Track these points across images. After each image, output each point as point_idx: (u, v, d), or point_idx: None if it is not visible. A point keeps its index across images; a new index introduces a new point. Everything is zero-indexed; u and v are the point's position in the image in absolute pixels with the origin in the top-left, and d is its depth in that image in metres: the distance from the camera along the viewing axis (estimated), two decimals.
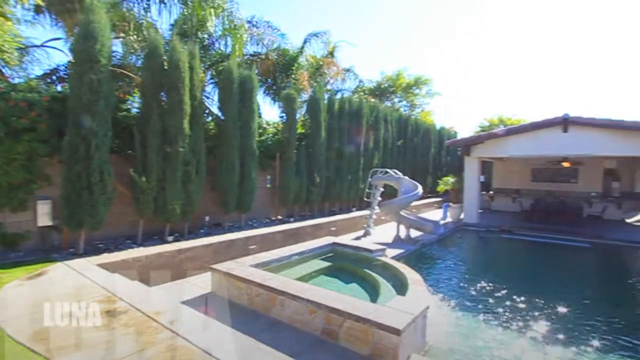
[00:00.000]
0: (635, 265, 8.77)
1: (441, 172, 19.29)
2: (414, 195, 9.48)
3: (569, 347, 4.34)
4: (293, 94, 10.52)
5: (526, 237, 11.36)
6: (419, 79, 24.97)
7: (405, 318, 3.49)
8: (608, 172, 15.06)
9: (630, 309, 5.93)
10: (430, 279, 6.99)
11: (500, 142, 12.41)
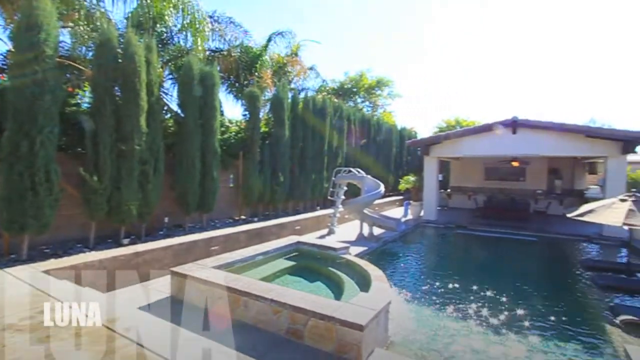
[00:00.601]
0: (575, 255, 9.60)
1: (402, 171, 19.93)
2: (376, 194, 9.72)
3: (520, 332, 4.66)
4: (256, 92, 10.37)
5: (480, 232, 12.04)
6: (381, 80, 25.63)
7: (368, 314, 3.58)
8: (551, 170, 16.35)
9: (570, 293, 6.48)
10: (393, 274, 7.22)
11: (456, 142, 13.05)
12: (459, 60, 55.64)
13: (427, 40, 52.85)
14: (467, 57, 54.57)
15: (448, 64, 56.57)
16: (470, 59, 58.67)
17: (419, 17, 50.32)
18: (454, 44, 55.28)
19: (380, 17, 47.98)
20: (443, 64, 53.88)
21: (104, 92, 6.38)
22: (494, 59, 60.29)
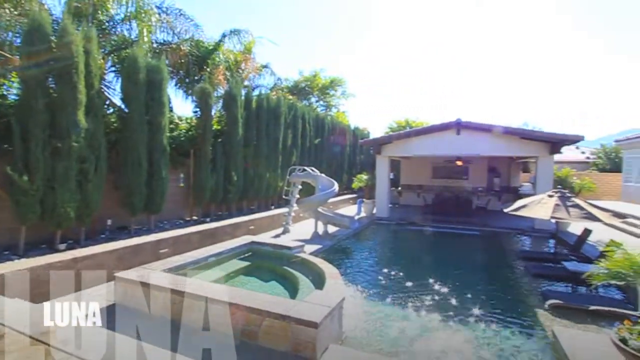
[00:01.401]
0: (511, 247, 10.47)
1: (356, 169, 20.41)
2: (330, 192, 9.87)
3: (463, 319, 5.01)
4: (208, 88, 10.04)
5: (429, 228, 12.68)
6: (334, 80, 25.99)
7: (323, 311, 3.64)
8: (491, 169, 17.70)
9: (507, 282, 7.07)
10: (347, 271, 7.39)
11: (406, 142, 13.63)
12: (410, 64, 58.22)
13: (380, 43, 54.56)
14: (418, 61, 57.24)
15: (399, 67, 58.97)
16: (421, 64, 61.61)
17: (370, 21, 51.76)
18: (407, 49, 57.68)
19: (335, 19, 48.67)
20: (395, 67, 56.06)
21: (35, 83, 5.80)
22: (443, 63, 63.85)
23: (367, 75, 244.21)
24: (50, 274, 5.08)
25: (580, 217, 6.19)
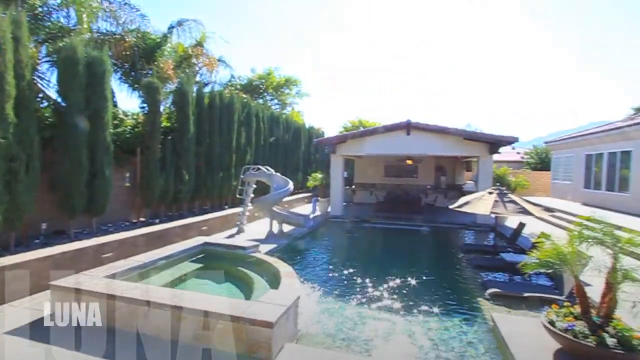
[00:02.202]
0: (456, 241, 11.17)
1: (310, 168, 20.55)
2: (285, 191, 9.84)
3: (411, 310, 5.26)
4: (156, 82, 9.53)
5: (381, 225, 13.14)
6: (289, 79, 25.93)
7: (278, 310, 3.63)
8: (438, 168, 18.71)
9: (452, 273, 7.54)
10: (302, 269, 7.42)
11: (359, 142, 13.96)
12: (362, 65, 59.68)
13: (334, 44, 55.26)
14: (370, 63, 58.86)
15: (353, 68, 60.23)
16: (373, 66, 63.37)
17: (323, 22, 52.26)
18: (360, 51, 59.00)
19: (289, 19, 48.46)
20: (349, 68, 57.17)
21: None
22: (395, 66, 66.17)
23: (322, 76, 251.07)
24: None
25: (516, 212, 6.77)
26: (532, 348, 3.79)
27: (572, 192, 17.10)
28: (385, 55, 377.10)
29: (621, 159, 13.50)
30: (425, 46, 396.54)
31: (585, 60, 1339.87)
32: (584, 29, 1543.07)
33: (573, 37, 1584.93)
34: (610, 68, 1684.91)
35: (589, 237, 3.75)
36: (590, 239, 3.74)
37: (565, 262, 3.78)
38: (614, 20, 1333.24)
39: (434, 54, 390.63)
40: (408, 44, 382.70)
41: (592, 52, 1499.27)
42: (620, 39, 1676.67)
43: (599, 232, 3.72)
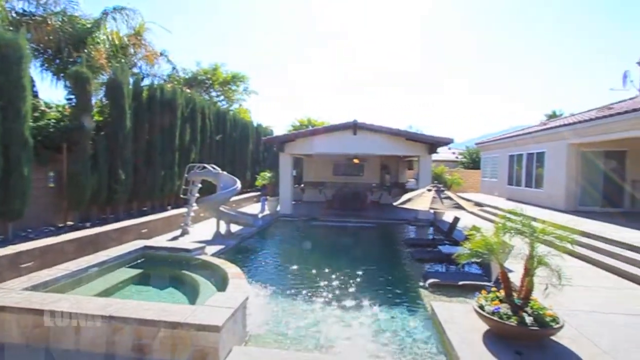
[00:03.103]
0: (399, 236, 11.74)
1: (259, 167, 20.24)
2: (233, 190, 9.60)
3: (359, 303, 5.43)
4: (86, 72, 8.71)
5: (330, 222, 13.36)
6: (236, 75, 25.26)
7: (225, 313, 3.54)
8: (383, 167, 19.52)
9: (396, 266, 7.93)
10: (251, 270, 7.31)
11: (308, 140, 14.07)
12: (311, 65, 60.08)
13: (282, 42, 54.90)
14: (318, 63, 59.41)
15: (303, 67, 60.39)
16: (320, 66, 64.01)
17: (270, 20, 51.71)
18: (309, 49, 59.27)
19: (236, 14, 47.11)
20: (298, 67, 57.21)
21: None
22: (340, 66, 67.44)
23: (271, 74, 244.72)
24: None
25: (451, 207, 7.31)
26: (465, 331, 4.13)
27: (498, 189, 18.85)
28: (333, 54, 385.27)
29: (537, 159, 15.17)
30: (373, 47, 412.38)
31: (514, 66, 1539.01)
32: (511, 38, 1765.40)
33: (501, 46, 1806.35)
34: (532, 75, 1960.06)
35: (511, 229, 4.19)
36: (512, 230, 4.18)
37: (492, 252, 4.18)
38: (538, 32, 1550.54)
39: (382, 56, 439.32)
40: (355, 45, 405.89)
41: (518, 60, 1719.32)
42: (545, 49, 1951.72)
43: (519, 224, 4.17)
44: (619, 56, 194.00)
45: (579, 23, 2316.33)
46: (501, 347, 3.75)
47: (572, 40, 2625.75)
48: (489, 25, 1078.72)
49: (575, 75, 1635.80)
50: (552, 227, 4.08)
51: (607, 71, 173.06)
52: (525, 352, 3.63)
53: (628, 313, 4.82)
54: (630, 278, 6.29)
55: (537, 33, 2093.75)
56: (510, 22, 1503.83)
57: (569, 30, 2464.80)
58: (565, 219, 9.57)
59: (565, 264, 4.21)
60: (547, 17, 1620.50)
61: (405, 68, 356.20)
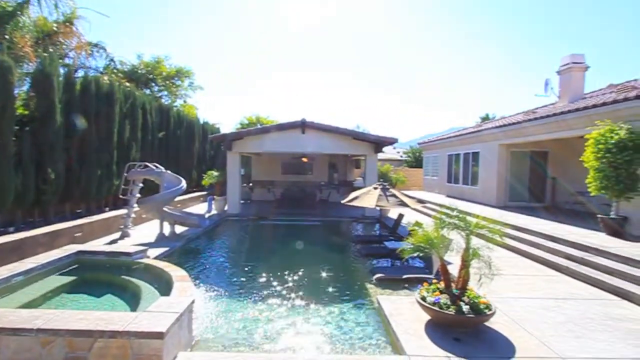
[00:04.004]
0: (348, 233, 12.04)
1: (206, 165, 19.53)
2: (177, 190, 9.19)
3: (308, 301, 5.50)
4: (7, 60, 7.77)
5: (278, 221, 13.32)
6: (180, 70, 24.13)
7: (169, 318, 3.40)
8: (331, 165, 19.86)
9: (344, 263, 8.13)
10: (198, 272, 7.05)
11: (256, 139, 13.89)
12: (261, 62, 59.12)
13: (231, 39, 53.35)
14: (268, 60, 58.64)
15: (252, 64, 59.22)
16: (271, 64, 63.31)
17: (221, 16, 50.08)
18: (258, 47, 58.24)
19: (181, 7, 44.89)
20: (247, 64, 55.99)
21: None
22: (289, 64, 67.26)
23: (218, 70, 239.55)
24: None
25: (396, 204, 7.67)
26: (408, 321, 4.37)
27: (439, 186, 20.13)
28: (282, 53, 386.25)
29: (472, 158, 16.45)
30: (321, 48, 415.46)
31: (455, 71, 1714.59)
32: (451, 45, 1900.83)
33: (441, 50, 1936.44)
34: (470, 79, 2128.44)
35: (449, 224, 4.51)
36: (450, 225, 4.50)
37: (432, 246, 4.47)
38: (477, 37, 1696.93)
39: (330, 57, 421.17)
40: (306, 45, 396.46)
41: (459, 65, 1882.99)
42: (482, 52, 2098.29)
43: (456, 219, 4.51)
44: (544, 65, 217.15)
45: (512, 34, 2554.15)
46: (441, 335, 4.03)
47: (505, 47, 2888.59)
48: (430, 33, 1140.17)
49: (507, 81, 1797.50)
50: (485, 221, 4.47)
51: (534, 78, 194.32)
52: (463, 338, 3.94)
53: (549, 297, 5.43)
54: (550, 265, 7.09)
55: (475, 42, 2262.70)
56: (450, 28, 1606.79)
57: (504, 39, 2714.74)
58: (497, 214, 10.51)
59: (496, 255, 4.65)
60: (483, 28, 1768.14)
61: (355, 69, 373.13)
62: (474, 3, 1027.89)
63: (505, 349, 3.78)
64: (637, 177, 7.61)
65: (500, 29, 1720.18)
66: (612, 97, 8.99)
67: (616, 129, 7.80)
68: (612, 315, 4.77)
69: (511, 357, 3.61)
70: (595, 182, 8.10)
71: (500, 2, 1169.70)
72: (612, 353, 3.76)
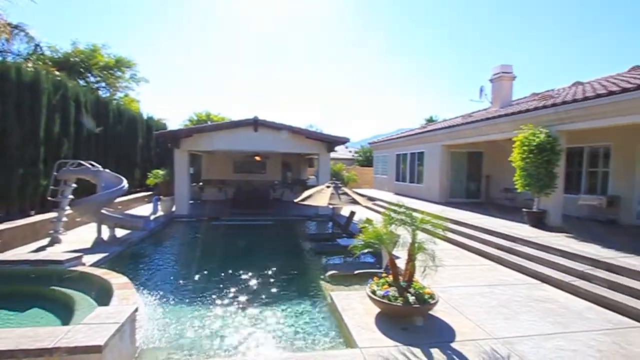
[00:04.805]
0: (301, 232, 12.06)
1: (151, 164, 18.40)
2: (118, 190, 8.56)
3: (262, 301, 5.42)
4: None
5: (230, 222, 12.96)
6: (121, 60, 22.48)
7: (109, 330, 3.15)
8: (285, 164, 19.77)
9: (298, 261, 8.13)
10: (141, 278, 6.63)
11: (207, 136, 13.38)
12: (211, 58, 56.92)
13: (180, 33, 50.71)
14: (218, 56, 56.64)
15: (202, 60, 56.75)
16: (221, 59, 61.26)
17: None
18: (210, 42, 55.95)
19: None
20: (197, 59, 53.58)
21: None
22: (241, 60, 65.66)
23: (168, 65, 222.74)
24: None
25: (348, 202, 7.84)
26: (360, 315, 4.50)
27: (388, 184, 20.94)
28: (237, 48, 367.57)
29: (418, 158, 17.34)
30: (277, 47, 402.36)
31: (403, 73, 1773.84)
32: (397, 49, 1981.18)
33: (390, 54, 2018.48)
34: (416, 81, 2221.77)
35: (396, 220, 4.71)
36: (397, 221, 4.70)
37: (381, 242, 4.64)
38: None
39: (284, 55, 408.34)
40: (259, 43, 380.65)
41: (408, 67, 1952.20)
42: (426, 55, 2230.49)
43: (403, 216, 4.72)
44: (482, 72, 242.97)
45: (454, 42, 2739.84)
46: (391, 325, 4.20)
47: (450, 55, 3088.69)
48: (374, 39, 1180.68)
49: (449, 86, 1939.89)
50: (429, 216, 4.73)
51: (472, 84, 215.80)
52: (410, 327, 4.15)
53: (483, 284, 5.90)
54: (485, 255, 7.70)
55: (423, 49, 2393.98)
56: (395, 35, 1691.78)
57: (449, 47, 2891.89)
58: (440, 209, 11.18)
59: (439, 248, 4.94)
60: (428, 38, 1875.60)
61: (307, 67, 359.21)
62: (424, 11, 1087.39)
63: (446, 334, 4.05)
64: (554, 176, 8.56)
65: (444, 39, 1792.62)
66: (534, 104, 10.00)
67: (537, 132, 8.70)
68: (534, 297, 5.33)
69: (451, 341, 3.88)
70: (520, 180, 8.98)
71: (446, 15, 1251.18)
72: (534, 330, 4.20)
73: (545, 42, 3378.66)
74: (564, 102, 8.59)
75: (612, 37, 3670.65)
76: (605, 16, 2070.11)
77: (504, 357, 3.57)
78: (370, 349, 3.66)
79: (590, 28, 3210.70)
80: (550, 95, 11.05)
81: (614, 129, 8.98)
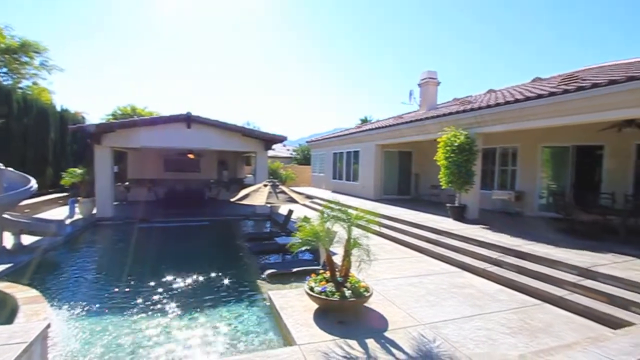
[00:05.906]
0: (238, 231, 11.77)
1: (66, 162, 16.48)
2: (24, 192, 7.55)
3: (198, 306, 5.19)
4: None
5: (161, 223, 12.17)
6: (27, 43, 19.77)
7: (13, 351, 2.78)
8: (220, 162, 19.10)
9: (234, 262, 7.93)
10: (55, 290, 5.92)
11: (133, 132, 12.38)
12: (141, 49, 52.59)
13: (98, 22, 45.93)
14: (149, 48, 52.56)
15: (126, 51, 52.09)
16: (151, 52, 56.96)
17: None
18: (132, 33, 51.53)
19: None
20: (121, 51, 49.03)
21: None
22: (173, 55, 61.71)
23: (88, 53, 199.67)
24: None
25: (285, 201, 7.83)
26: (298, 312, 4.55)
27: (326, 182, 21.38)
28: (166, 41, 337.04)
29: (354, 157, 17.98)
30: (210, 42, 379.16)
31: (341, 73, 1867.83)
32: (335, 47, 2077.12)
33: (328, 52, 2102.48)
34: (352, 82, 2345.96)
35: (332, 217, 4.85)
36: (333, 218, 4.84)
37: (318, 239, 4.74)
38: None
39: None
40: (193, 37, 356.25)
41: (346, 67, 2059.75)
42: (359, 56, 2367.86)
43: (338, 212, 4.87)
44: (413, 76, 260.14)
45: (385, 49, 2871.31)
46: (328, 320, 4.31)
47: (383, 58, 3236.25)
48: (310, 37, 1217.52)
49: (384, 87, 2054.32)
50: (363, 213, 4.94)
51: (404, 86, 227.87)
52: (346, 320, 4.30)
53: (414, 275, 6.34)
54: (415, 248, 8.27)
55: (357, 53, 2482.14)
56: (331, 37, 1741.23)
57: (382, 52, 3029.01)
58: (373, 206, 11.71)
59: (373, 243, 5.19)
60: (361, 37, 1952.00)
61: (243, 65, 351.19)
62: (360, 15, 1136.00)
63: (379, 324, 4.29)
64: (472, 173, 9.52)
65: (379, 42, 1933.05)
66: (455, 108, 11.00)
67: (458, 134, 9.59)
68: (456, 284, 5.87)
69: (384, 330, 4.11)
70: (444, 177, 9.85)
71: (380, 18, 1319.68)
72: (456, 314, 4.64)
73: (465, 51, 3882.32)
74: (480, 107, 9.59)
75: (519, 50, 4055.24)
76: (511, 33, 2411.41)
77: (431, 341, 3.88)
78: (309, 345, 3.73)
79: (503, 40, 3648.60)
80: (469, 100, 12.25)
81: (520, 132, 10.27)
